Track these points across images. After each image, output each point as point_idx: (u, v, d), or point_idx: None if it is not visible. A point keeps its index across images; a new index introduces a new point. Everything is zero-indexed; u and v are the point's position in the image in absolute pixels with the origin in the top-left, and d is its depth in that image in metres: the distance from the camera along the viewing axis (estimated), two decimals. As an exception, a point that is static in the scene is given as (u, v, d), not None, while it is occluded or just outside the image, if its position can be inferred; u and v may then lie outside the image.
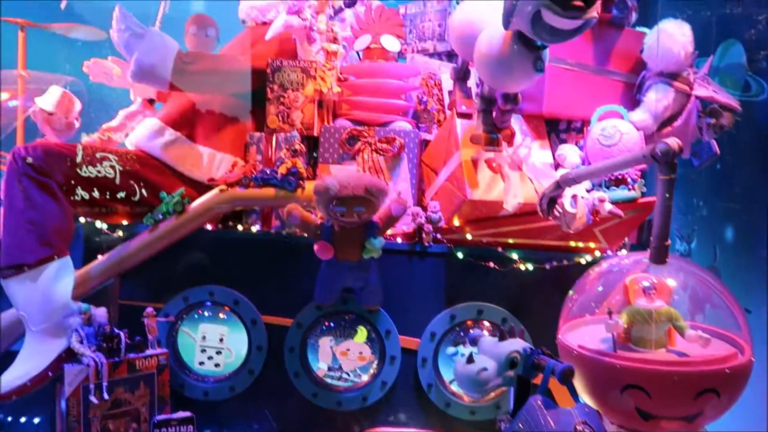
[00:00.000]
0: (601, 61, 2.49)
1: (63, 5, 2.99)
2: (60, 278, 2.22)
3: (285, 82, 2.48)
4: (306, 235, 2.25)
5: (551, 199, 2.10)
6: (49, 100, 2.59)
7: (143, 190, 2.44)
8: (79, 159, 2.31)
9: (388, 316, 2.38)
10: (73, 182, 2.32)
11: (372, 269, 2.26)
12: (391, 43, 2.60)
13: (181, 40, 2.80)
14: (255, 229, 2.48)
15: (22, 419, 2.41)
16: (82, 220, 2.45)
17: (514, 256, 2.35)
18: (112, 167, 2.36)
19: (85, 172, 2.32)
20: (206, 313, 2.46)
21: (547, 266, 2.33)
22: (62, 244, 2.25)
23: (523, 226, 2.35)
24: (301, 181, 2.34)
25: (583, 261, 2.35)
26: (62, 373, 2.13)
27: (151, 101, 2.84)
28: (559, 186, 2.06)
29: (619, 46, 2.51)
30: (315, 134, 2.52)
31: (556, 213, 2.20)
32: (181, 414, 2.30)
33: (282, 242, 2.44)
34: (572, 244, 2.39)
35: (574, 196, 2.23)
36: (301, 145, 2.41)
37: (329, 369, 2.41)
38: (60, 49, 3.58)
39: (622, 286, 1.86)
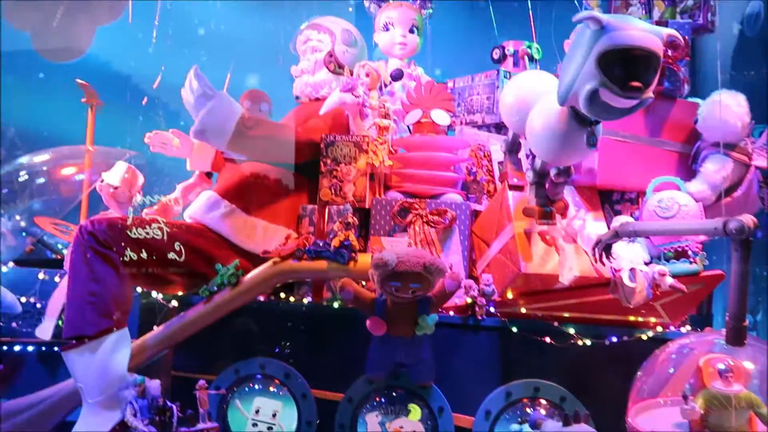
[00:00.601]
0: (655, 132, 2.47)
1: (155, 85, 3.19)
2: (117, 350, 2.26)
3: (338, 156, 2.54)
4: (358, 309, 2.24)
5: (606, 246, 2.06)
6: (114, 174, 2.72)
7: (199, 261, 2.49)
8: (129, 223, 2.39)
9: (441, 392, 2.31)
10: (132, 252, 2.38)
11: (424, 345, 2.22)
12: (441, 117, 2.66)
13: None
14: (306, 300, 2.49)
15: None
16: (138, 290, 2.51)
17: (571, 331, 2.28)
18: (160, 228, 2.42)
19: (134, 233, 2.38)
20: (257, 386, 2.44)
21: (607, 342, 2.25)
22: (121, 316, 2.30)
23: (580, 300, 2.29)
24: (353, 254, 2.35)
25: (644, 337, 2.26)
26: (115, 446, 2.14)
27: (208, 174, 2.94)
28: (617, 234, 2.04)
29: (673, 117, 2.49)
30: (367, 207, 2.55)
31: (616, 286, 2.15)
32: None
33: (334, 315, 2.43)
34: (632, 318, 2.30)
35: (633, 270, 2.17)
36: (354, 217, 2.43)
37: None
38: (123, 122, 3.80)
39: (695, 368, 1.77)
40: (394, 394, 2.33)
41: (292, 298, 2.51)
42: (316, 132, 2.62)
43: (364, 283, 2.30)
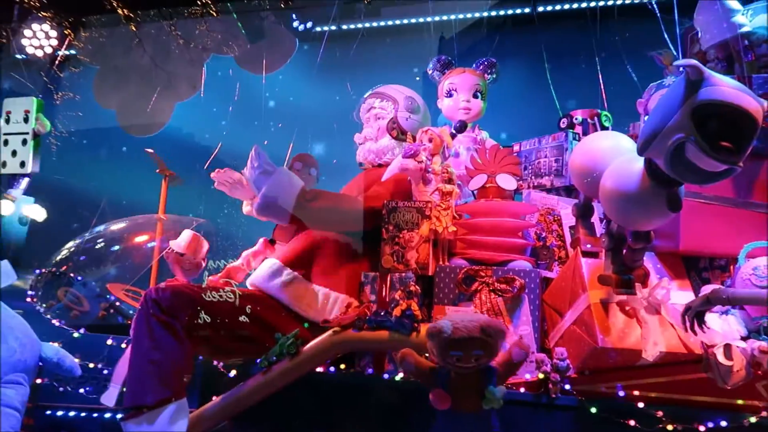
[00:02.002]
0: (743, 194, 2.28)
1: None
2: (175, 421, 2.21)
3: (400, 222, 2.49)
4: (420, 381, 2.11)
5: (698, 314, 1.86)
6: (181, 242, 2.77)
7: (259, 330, 2.45)
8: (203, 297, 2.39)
9: (512, 478, 2.11)
10: (195, 319, 2.37)
11: (494, 423, 2.04)
12: (507, 181, 2.57)
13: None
14: (368, 372, 2.38)
15: None
16: (200, 358, 2.49)
17: (659, 413, 2.04)
18: (233, 292, 2.42)
19: (209, 296, 2.39)
20: (315, 463, 2.32)
21: (702, 428, 2.00)
22: (180, 386, 2.27)
23: (668, 379, 2.06)
24: (416, 324, 2.25)
25: (746, 423, 1.99)
26: None
27: (271, 241, 2.95)
28: (709, 301, 1.84)
29: (763, 177, 2.30)
30: (430, 274, 2.45)
31: (709, 365, 1.92)
32: None
33: (397, 388, 2.31)
34: (730, 401, 2.05)
35: (728, 346, 1.95)
36: (416, 286, 2.34)
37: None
38: (194, 190, 3.94)
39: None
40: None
41: (352, 369, 2.40)
42: (377, 199, 2.59)
43: (427, 354, 2.17)
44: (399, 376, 2.32)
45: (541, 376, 2.17)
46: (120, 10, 4.12)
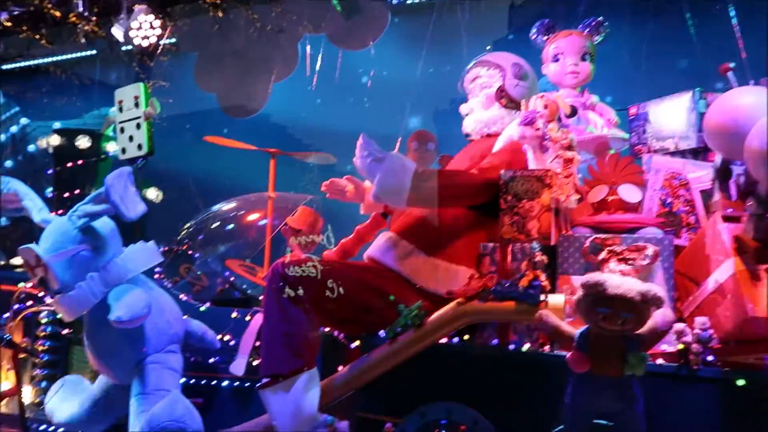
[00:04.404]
0: None
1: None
2: (309, 390, 2.30)
3: (519, 192, 2.44)
4: (557, 345, 2.08)
5: None
6: (297, 218, 2.85)
7: (379, 302, 2.49)
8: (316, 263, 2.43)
9: (652, 451, 2.05)
10: (318, 294, 2.43)
11: (636, 391, 1.98)
12: (631, 193, 2.42)
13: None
14: (492, 343, 2.37)
15: None
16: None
17: (818, 386, 1.92)
18: (314, 267, 2.43)
19: (292, 271, 2.41)
20: (442, 432, 2.35)
21: None
22: (311, 357, 2.35)
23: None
24: (543, 295, 2.21)
25: None
26: (309, 487, 2.15)
27: (383, 215, 2.98)
28: None
29: None
30: (552, 244, 2.40)
31: None
32: None
33: (523, 359, 2.29)
34: None
35: None
36: (543, 255, 2.29)
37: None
38: (297, 172, 4.04)
39: None
40: (596, 449, 2.11)
41: (477, 341, 2.40)
42: (493, 170, 2.55)
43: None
44: (526, 347, 2.30)
45: (680, 347, 2.08)
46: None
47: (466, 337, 2.43)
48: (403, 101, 4.00)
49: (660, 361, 2.13)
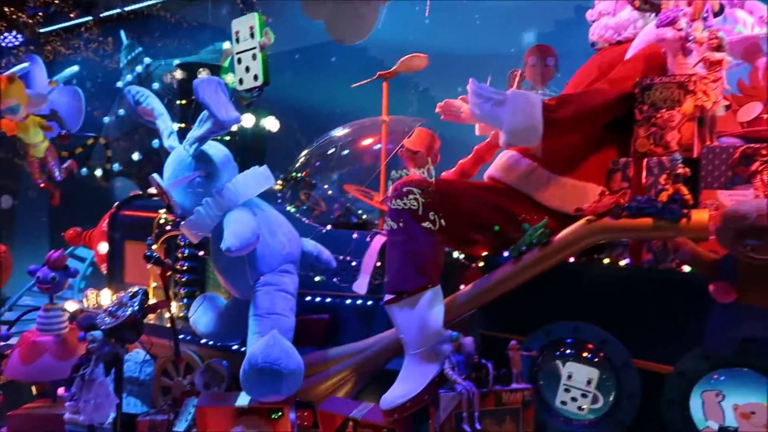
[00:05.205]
0: None
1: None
2: (433, 306, 2.33)
3: (657, 101, 2.24)
4: (696, 272, 1.95)
5: None
6: (414, 139, 2.82)
7: (502, 221, 2.45)
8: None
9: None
10: (440, 213, 2.41)
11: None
12: None
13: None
14: (623, 262, 2.27)
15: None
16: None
17: None
18: (416, 200, 2.36)
19: (394, 204, 2.38)
20: (569, 351, 2.32)
21: None
22: (435, 275, 2.36)
23: None
24: (685, 210, 2.06)
25: None
26: (437, 397, 2.22)
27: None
28: None
29: None
30: (694, 156, 2.21)
31: None
32: (546, 456, 2.19)
33: (658, 279, 2.17)
34: None
35: None
36: (685, 168, 2.12)
37: (720, 431, 2.03)
38: (407, 94, 3.98)
39: None
40: (741, 373, 2.00)
41: (606, 260, 2.31)
42: (627, 80, 2.35)
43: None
44: (663, 266, 2.18)
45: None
46: None
47: (595, 255, 2.34)
48: (518, 14, 3.76)
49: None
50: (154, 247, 3.15)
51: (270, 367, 2.34)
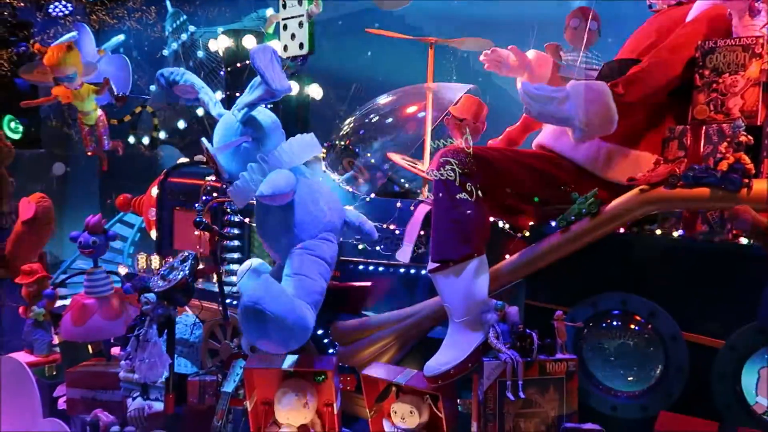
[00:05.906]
0: None
1: None
2: (478, 275, 2.31)
3: (720, 65, 2.14)
4: (756, 242, 1.88)
5: None
6: (461, 107, 2.78)
7: (550, 191, 2.40)
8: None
9: None
10: (489, 183, 2.38)
11: None
12: None
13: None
14: (677, 234, 2.21)
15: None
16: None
17: None
18: (453, 170, 2.32)
19: (432, 175, 2.35)
20: (616, 323, 2.28)
21: None
22: (480, 244, 2.34)
23: None
24: (746, 180, 1.97)
25: None
26: (481, 365, 2.22)
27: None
28: None
29: None
30: (758, 123, 2.11)
31: None
32: (590, 426, 2.17)
33: (712, 251, 2.11)
34: None
35: None
36: (748, 136, 2.03)
37: (773, 406, 1.99)
38: (449, 61, 3.90)
39: None
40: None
41: (658, 231, 2.25)
42: (688, 45, 2.24)
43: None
44: (717, 239, 2.11)
45: None
46: None
47: (646, 226, 2.28)
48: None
49: None
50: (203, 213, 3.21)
51: (253, 306, 2.32)
